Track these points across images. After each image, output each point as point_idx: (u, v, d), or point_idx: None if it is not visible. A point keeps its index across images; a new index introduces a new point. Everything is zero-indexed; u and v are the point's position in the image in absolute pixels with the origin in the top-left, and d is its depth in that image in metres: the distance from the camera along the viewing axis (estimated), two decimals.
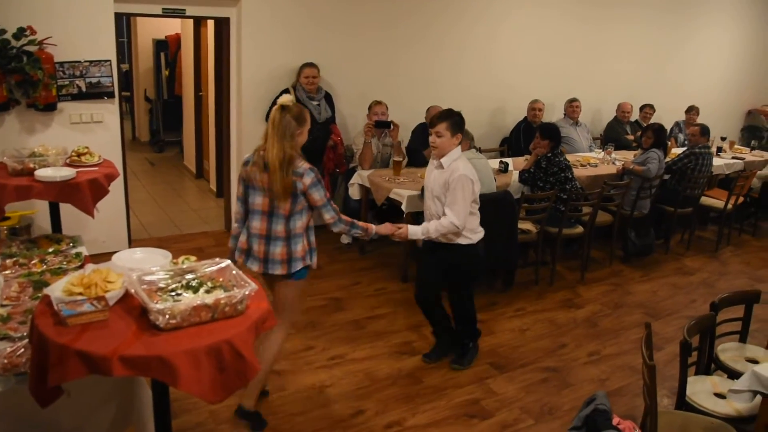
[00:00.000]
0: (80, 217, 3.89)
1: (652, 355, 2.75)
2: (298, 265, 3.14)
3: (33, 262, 3.22)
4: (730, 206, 6.59)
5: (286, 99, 3.09)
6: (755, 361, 3.39)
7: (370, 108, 5.69)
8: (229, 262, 2.30)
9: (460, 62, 6.73)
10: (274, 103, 5.48)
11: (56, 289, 2.17)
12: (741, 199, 6.84)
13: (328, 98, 5.74)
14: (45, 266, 3.18)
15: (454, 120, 3.57)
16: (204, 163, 7.84)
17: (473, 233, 3.71)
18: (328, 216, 3.15)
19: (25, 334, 2.40)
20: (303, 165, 3.04)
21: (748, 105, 10.22)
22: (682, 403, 3.06)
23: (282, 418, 3.39)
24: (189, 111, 8.12)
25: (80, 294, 2.12)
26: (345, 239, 5.94)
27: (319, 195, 3.07)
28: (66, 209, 3.93)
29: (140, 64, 9.60)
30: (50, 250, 3.42)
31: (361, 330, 4.40)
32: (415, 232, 3.59)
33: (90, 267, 2.29)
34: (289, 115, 3.02)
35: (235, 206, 3.27)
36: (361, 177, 5.43)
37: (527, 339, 4.48)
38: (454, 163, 3.57)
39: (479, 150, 5.14)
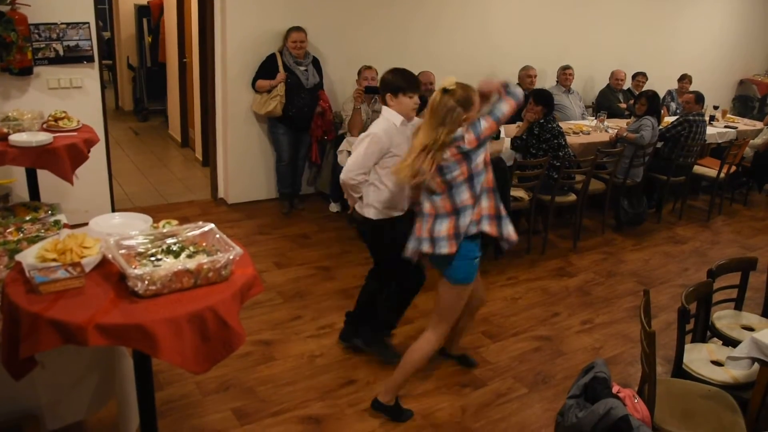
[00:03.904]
0: (61, 186, 3.77)
1: (651, 321, 2.69)
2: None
3: (9, 230, 3.09)
4: (722, 175, 6.53)
5: (450, 81, 2.78)
6: (751, 329, 3.36)
7: (359, 73, 5.54)
8: (212, 225, 2.18)
9: (454, 27, 6.57)
10: (259, 69, 5.45)
11: (29, 255, 2.05)
12: (733, 168, 6.78)
13: (316, 63, 5.57)
14: (22, 235, 3.05)
15: None
16: (189, 132, 7.67)
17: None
18: None
19: None
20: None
21: (740, 74, 10.15)
22: (679, 370, 3.01)
23: (271, 389, 3.32)
24: (173, 78, 7.91)
25: (54, 260, 2.00)
26: (334, 207, 5.85)
27: None
28: (45, 177, 3.79)
29: (122, 31, 9.33)
30: (27, 218, 3.29)
31: (351, 299, 4.28)
32: None
33: (65, 232, 2.18)
34: (453, 100, 2.74)
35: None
36: (350, 144, 5.29)
37: (519, 308, 4.42)
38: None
39: None
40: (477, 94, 2.84)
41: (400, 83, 3.14)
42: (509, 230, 2.96)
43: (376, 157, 3.13)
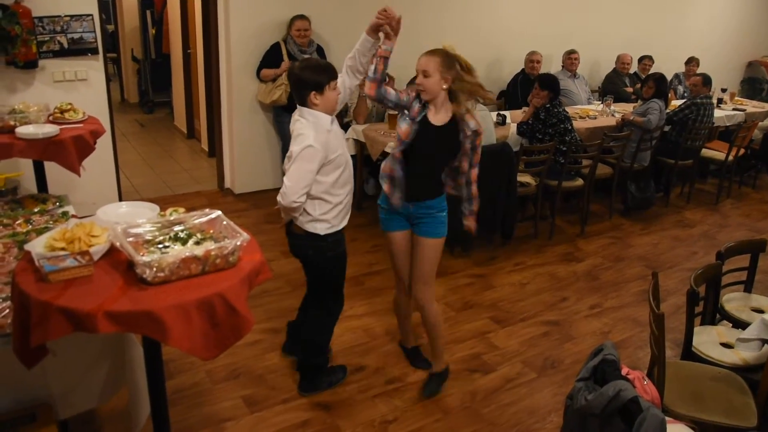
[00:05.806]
0: (68, 178, 3.77)
1: (659, 304, 2.68)
2: None
3: (18, 222, 3.11)
4: (731, 158, 6.49)
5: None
6: (760, 311, 3.34)
7: None
8: (219, 212, 2.18)
9: (462, 11, 6.52)
10: (264, 58, 5.43)
11: (37, 245, 2.06)
12: (742, 151, 6.74)
13: (320, 51, 5.56)
14: (30, 226, 3.07)
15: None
16: (195, 123, 7.68)
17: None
18: None
19: (9, 294, 2.30)
20: None
21: (749, 56, 10.05)
22: (689, 353, 3.00)
23: (280, 376, 3.33)
24: (177, 70, 7.92)
25: (63, 249, 2.01)
26: None
27: None
28: (53, 170, 3.80)
29: (126, 24, 9.34)
30: (36, 210, 3.31)
31: (359, 286, 4.33)
32: None
33: (73, 221, 2.18)
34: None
35: None
36: (356, 132, 5.30)
37: (527, 293, 4.42)
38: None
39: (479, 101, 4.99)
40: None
41: (320, 77, 2.78)
42: None
43: (315, 172, 2.82)
